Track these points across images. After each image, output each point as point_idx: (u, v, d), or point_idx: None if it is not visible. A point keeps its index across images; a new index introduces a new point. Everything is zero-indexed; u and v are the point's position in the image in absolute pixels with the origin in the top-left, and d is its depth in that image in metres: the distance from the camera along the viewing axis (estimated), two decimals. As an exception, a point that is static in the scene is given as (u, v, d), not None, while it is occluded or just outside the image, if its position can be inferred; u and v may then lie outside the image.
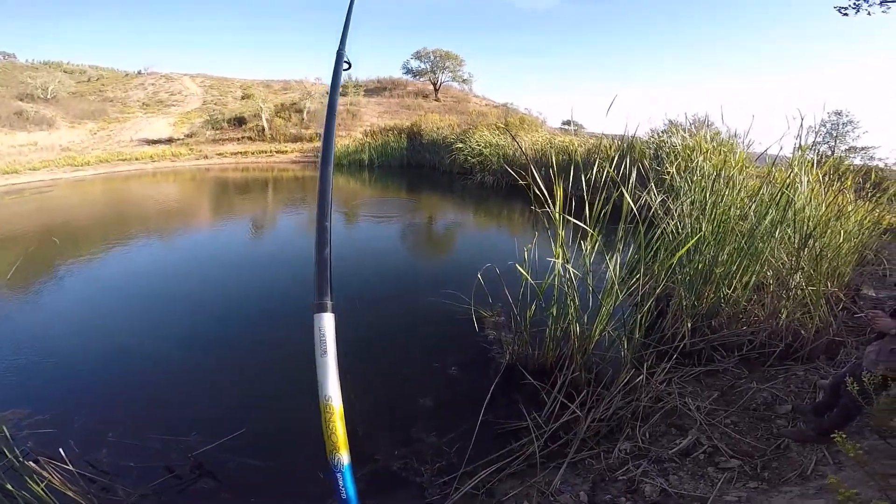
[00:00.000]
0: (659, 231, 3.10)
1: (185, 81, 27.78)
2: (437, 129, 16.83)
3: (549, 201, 2.60)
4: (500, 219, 9.32)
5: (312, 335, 1.00)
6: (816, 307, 2.79)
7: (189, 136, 20.93)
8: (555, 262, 2.70)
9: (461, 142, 14.50)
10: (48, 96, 21.87)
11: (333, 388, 0.79)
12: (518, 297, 2.98)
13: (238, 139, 21.16)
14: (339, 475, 0.86)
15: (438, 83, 28.24)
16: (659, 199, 3.02)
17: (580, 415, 2.34)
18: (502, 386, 2.88)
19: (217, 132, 21.58)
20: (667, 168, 4.07)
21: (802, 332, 2.85)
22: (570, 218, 2.62)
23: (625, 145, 2.79)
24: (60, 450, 1.96)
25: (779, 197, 3.01)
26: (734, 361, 2.83)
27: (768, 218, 3.02)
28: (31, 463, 1.90)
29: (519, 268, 2.86)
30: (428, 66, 27.86)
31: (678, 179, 3.66)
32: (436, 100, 27.47)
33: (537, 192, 2.62)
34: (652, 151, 7.42)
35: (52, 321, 4.18)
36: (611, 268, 2.62)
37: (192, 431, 2.52)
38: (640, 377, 2.51)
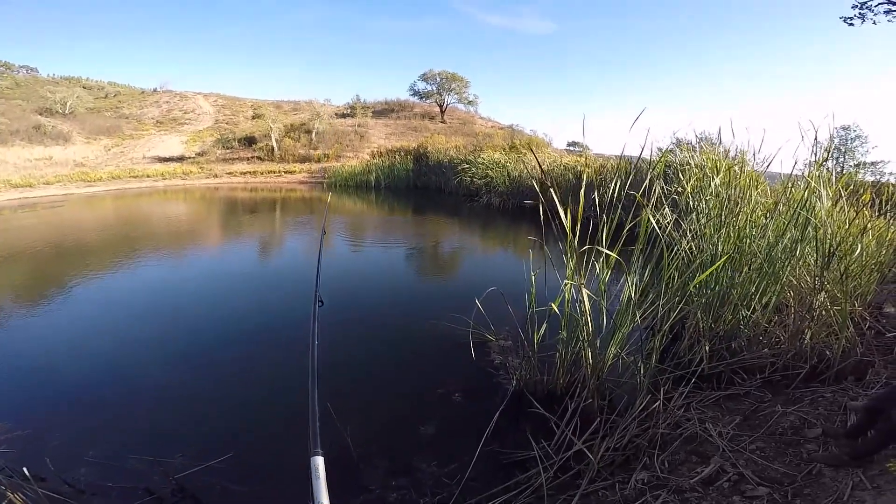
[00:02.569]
0: (673, 252, 3.01)
1: (198, 100, 28.56)
2: (443, 150, 17.03)
3: (560, 219, 2.51)
4: (506, 241, 9.26)
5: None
6: (843, 328, 2.66)
7: (200, 154, 21.37)
8: (566, 283, 2.60)
9: (467, 163, 14.61)
10: (66, 111, 22.52)
11: (324, 497, 0.98)
12: (526, 321, 2.86)
13: (248, 159, 21.56)
14: None
15: (444, 105, 28.80)
16: (672, 219, 2.94)
17: (593, 443, 2.19)
18: (509, 413, 2.74)
19: (228, 151, 22.04)
20: (677, 188, 4.01)
21: (828, 352, 2.71)
22: (582, 242, 2.53)
23: (636, 164, 2.73)
24: (25, 469, 1.84)
25: (797, 214, 2.92)
26: (756, 384, 2.68)
27: (787, 236, 2.93)
28: None
29: (530, 286, 2.76)
30: (434, 88, 28.51)
31: (691, 198, 3.58)
32: (442, 121, 27.96)
33: (547, 210, 2.55)
34: (659, 171, 7.37)
35: (47, 336, 4.12)
36: (628, 285, 2.50)
37: (178, 453, 2.40)
38: (657, 403, 2.36)
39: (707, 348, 2.86)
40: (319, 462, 1.07)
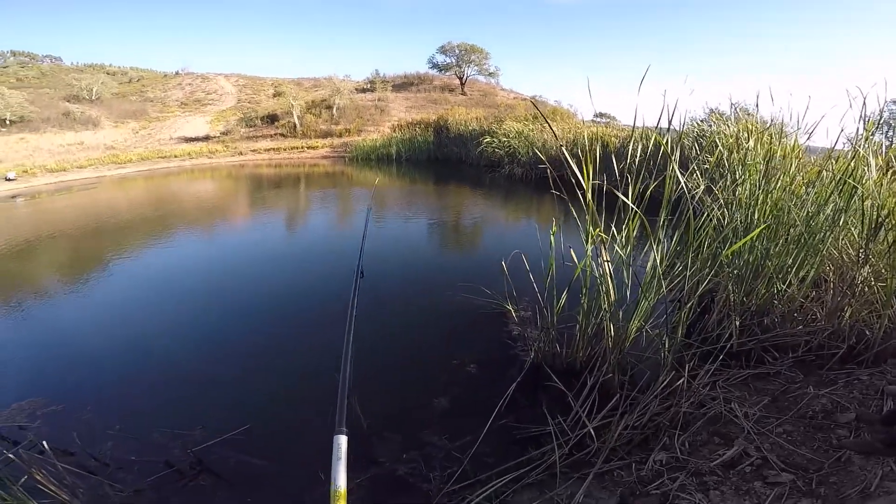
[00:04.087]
0: (704, 219, 2.84)
1: (220, 81, 28.75)
2: (464, 122, 16.69)
3: (582, 184, 2.38)
4: (529, 210, 9.07)
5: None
6: (886, 305, 2.46)
7: (225, 133, 21.67)
8: (587, 249, 2.48)
9: (489, 134, 14.29)
10: (93, 97, 23.11)
11: (342, 481, 0.97)
12: (546, 290, 2.76)
13: (271, 136, 21.74)
14: None
15: (464, 77, 28.11)
16: (704, 186, 2.76)
17: (611, 420, 2.12)
18: (525, 387, 2.68)
19: (251, 129, 22.25)
20: (707, 157, 3.76)
21: (867, 332, 2.53)
22: (617, 193, 2.39)
23: (664, 132, 2.55)
24: (44, 442, 1.93)
25: (842, 183, 2.68)
26: (788, 364, 2.53)
27: (830, 206, 2.71)
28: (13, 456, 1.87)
29: (551, 254, 2.66)
30: (453, 61, 27.81)
31: (726, 164, 3.36)
32: (462, 94, 27.33)
33: (569, 179, 2.43)
34: (691, 141, 7.00)
35: (83, 313, 4.32)
36: (654, 254, 2.36)
37: (198, 426, 2.48)
38: (682, 380, 2.26)
39: (737, 323, 2.72)
40: (342, 441, 1.04)
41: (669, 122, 2.43)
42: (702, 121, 8.40)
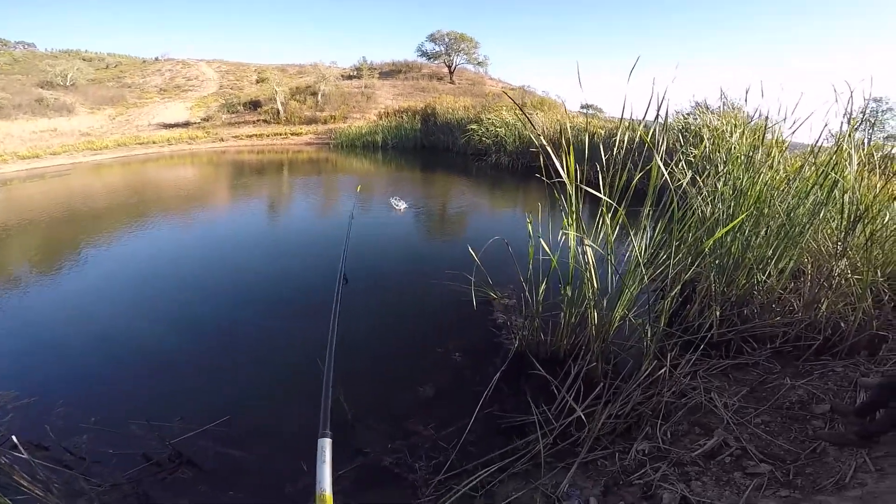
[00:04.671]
0: (688, 211, 2.85)
1: (201, 67, 27.93)
2: (452, 110, 16.56)
3: (564, 173, 2.36)
4: (515, 199, 9.04)
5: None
6: (861, 298, 2.53)
7: (206, 119, 21.11)
8: (569, 237, 2.47)
9: (476, 122, 14.20)
10: (67, 83, 22.26)
11: (328, 484, 0.95)
12: (529, 277, 2.76)
13: (254, 122, 21.25)
14: None
15: (453, 66, 27.84)
16: (688, 177, 2.77)
17: (595, 409, 2.14)
18: (510, 375, 2.69)
19: (233, 115, 21.71)
20: (692, 150, 3.78)
21: (843, 324, 2.60)
22: (588, 189, 2.37)
23: (648, 124, 2.54)
24: (13, 437, 1.85)
25: (824, 176, 2.72)
26: (766, 354, 2.59)
27: (810, 199, 2.75)
28: None
29: (530, 241, 2.65)
30: (443, 49, 27.50)
31: (710, 157, 3.38)
32: (451, 82, 27.06)
33: (550, 167, 2.40)
34: (676, 133, 7.04)
35: (55, 304, 4.17)
36: (635, 245, 2.37)
37: (177, 417, 2.42)
38: (663, 369, 2.29)
39: (718, 314, 2.77)
40: (327, 445, 1.03)
41: (657, 114, 2.42)
42: (688, 114, 8.46)
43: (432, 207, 8.08)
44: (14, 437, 1.86)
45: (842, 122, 2.81)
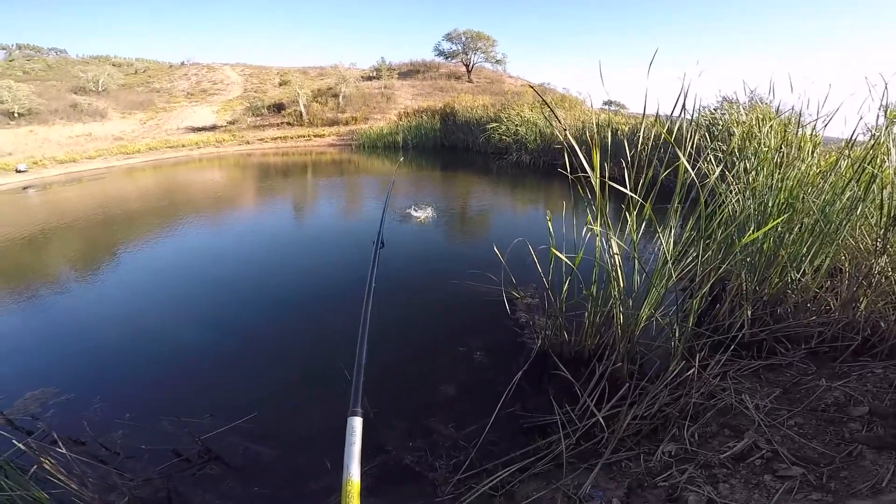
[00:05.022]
0: (717, 207, 2.78)
1: (225, 71, 28.65)
2: (471, 109, 16.54)
3: (588, 168, 2.32)
4: (537, 198, 8.97)
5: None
6: (904, 297, 2.41)
7: (231, 122, 21.65)
8: (595, 235, 2.43)
9: (495, 121, 14.14)
10: (99, 89, 23.11)
11: (356, 468, 0.88)
12: (552, 276, 2.73)
13: (278, 125, 21.68)
14: None
15: (471, 64, 27.82)
16: (717, 173, 2.69)
17: (620, 410, 2.11)
18: (532, 375, 2.67)
19: (258, 118, 22.21)
20: (720, 145, 3.67)
21: (882, 324, 2.48)
22: (613, 185, 2.34)
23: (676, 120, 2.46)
24: (54, 433, 1.96)
25: (860, 170, 2.61)
26: (800, 355, 2.50)
27: (847, 194, 2.64)
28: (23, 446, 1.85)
29: (551, 239, 2.60)
30: (460, 48, 27.54)
31: (738, 152, 3.28)
32: (469, 81, 27.04)
33: (575, 164, 2.38)
34: (704, 130, 6.87)
35: (95, 302, 4.36)
36: (663, 241, 2.32)
37: (206, 414, 2.50)
38: (692, 370, 2.24)
39: (749, 313, 2.69)
40: (357, 424, 0.97)
41: (683, 108, 2.37)
42: (714, 109, 8.22)
43: (453, 207, 8.09)
44: (54, 433, 1.97)
45: (878, 115, 2.69)
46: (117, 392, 2.83)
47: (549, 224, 2.65)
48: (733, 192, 3.02)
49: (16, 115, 18.33)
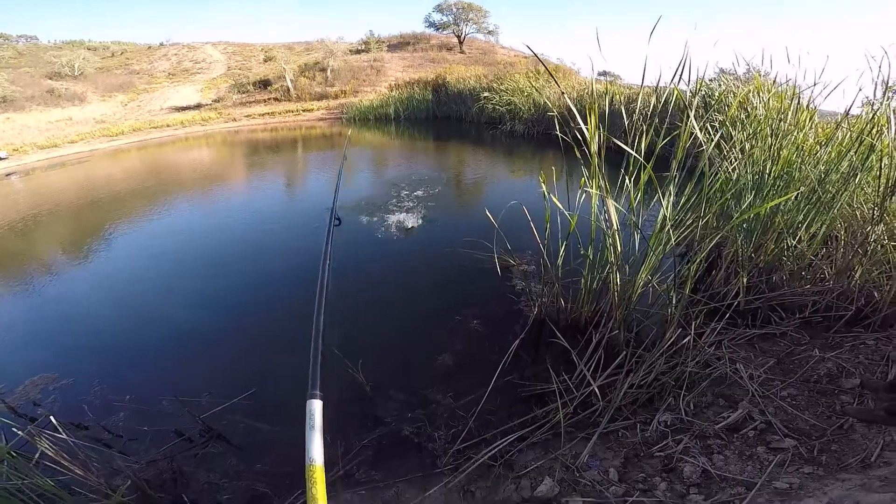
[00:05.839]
0: (714, 175, 2.73)
1: (207, 49, 27.79)
2: (463, 80, 16.18)
3: (585, 131, 2.25)
4: (531, 166, 8.83)
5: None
6: (898, 266, 2.41)
7: (217, 100, 21.11)
8: (591, 199, 2.40)
9: (489, 90, 13.86)
10: (76, 73, 22.44)
11: (318, 453, 0.87)
12: (548, 243, 2.68)
13: (265, 101, 21.18)
14: None
15: (463, 35, 27.08)
16: (715, 141, 2.63)
17: (616, 379, 2.12)
18: (529, 343, 2.67)
19: (244, 95, 21.66)
20: (717, 115, 3.60)
21: (876, 294, 2.49)
22: (616, 141, 2.27)
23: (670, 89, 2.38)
24: (52, 418, 1.91)
25: (858, 140, 2.56)
26: (794, 324, 2.52)
27: (845, 163, 2.61)
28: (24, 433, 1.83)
29: (545, 199, 2.55)
30: (451, 19, 26.76)
31: (736, 121, 3.21)
32: (461, 52, 26.38)
33: (569, 132, 2.31)
34: (701, 98, 6.74)
35: (86, 287, 4.30)
36: (663, 204, 2.28)
37: (205, 393, 2.50)
38: (687, 338, 2.24)
39: (745, 280, 2.69)
40: (317, 408, 0.96)
41: (681, 79, 2.29)
42: (711, 80, 8.06)
43: (448, 175, 7.99)
44: (52, 418, 1.93)
45: (875, 88, 2.63)
46: (115, 374, 2.82)
47: (544, 187, 2.57)
48: (731, 161, 2.97)
49: (-10, 103, 17.72)
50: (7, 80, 19.00)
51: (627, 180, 2.37)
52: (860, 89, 2.69)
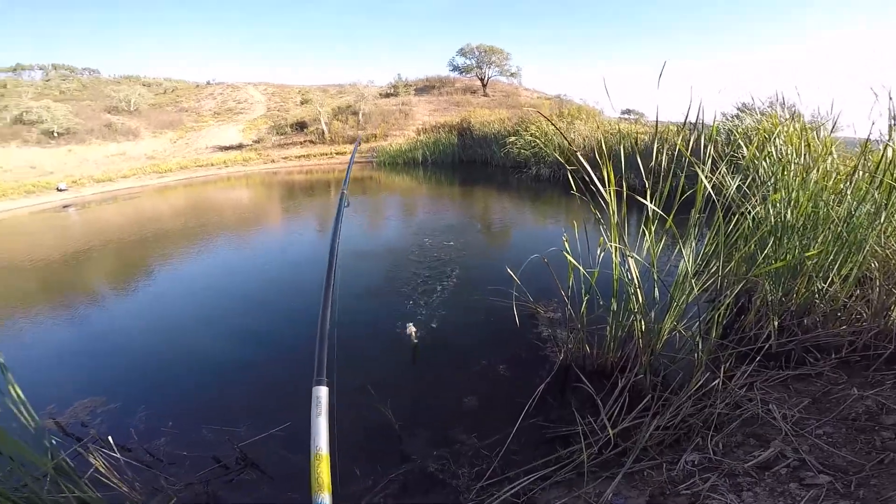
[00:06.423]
0: (738, 218, 2.77)
1: (249, 90, 29.73)
2: (488, 123, 16.73)
3: (603, 183, 2.37)
4: (557, 212, 8.98)
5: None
6: (937, 305, 2.35)
7: (257, 141, 22.44)
8: (611, 248, 2.47)
9: (514, 134, 14.26)
10: (131, 108, 24.19)
11: (323, 441, 0.86)
12: (571, 290, 2.77)
13: (301, 143, 22.33)
14: None
15: (486, 78, 28.09)
16: (735, 184, 2.70)
17: (642, 421, 2.11)
18: (555, 387, 2.71)
19: (282, 137, 22.95)
20: (738, 154, 3.67)
21: (917, 333, 2.43)
22: (633, 194, 2.38)
23: (693, 129, 2.46)
24: (110, 438, 2.06)
25: (881, 177, 2.58)
26: (831, 365, 2.45)
27: (868, 202, 2.61)
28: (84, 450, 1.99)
29: (567, 255, 2.65)
30: (474, 62, 27.85)
31: (757, 162, 3.27)
32: (484, 95, 27.32)
33: (589, 179, 2.43)
34: (724, 137, 6.83)
35: (133, 318, 4.58)
36: (684, 254, 2.34)
37: (243, 423, 2.60)
38: (716, 381, 2.23)
39: (776, 324, 2.66)
40: (322, 394, 0.93)
41: (697, 118, 2.40)
42: (733, 116, 8.14)
43: (473, 221, 8.21)
44: (110, 438, 2.10)
45: (889, 123, 2.67)
46: (159, 401, 2.98)
47: (566, 244, 2.70)
48: (753, 203, 3.01)
49: (55, 134, 19.44)
50: (71, 113, 20.73)
51: (647, 230, 2.44)
52: (873, 123, 2.74)
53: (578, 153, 2.48)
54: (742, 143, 3.68)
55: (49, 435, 1.82)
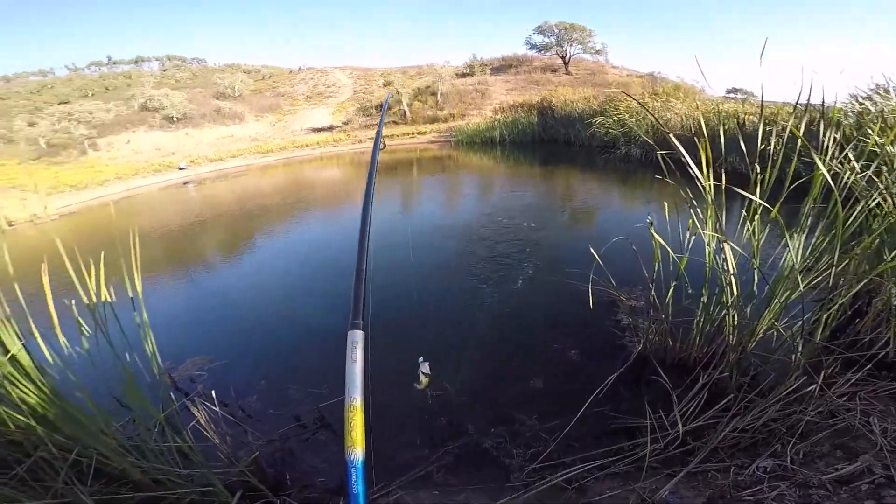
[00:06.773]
0: (861, 209, 2.43)
1: (336, 74, 31.28)
2: (570, 102, 15.96)
3: (701, 168, 2.20)
4: (649, 195, 8.39)
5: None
6: None
7: (346, 123, 23.80)
8: (703, 235, 2.31)
9: (601, 114, 13.47)
10: (236, 94, 26.59)
11: (358, 392, 0.83)
12: (657, 276, 2.58)
13: (385, 124, 23.13)
14: (353, 470, 0.85)
15: (567, 56, 26.55)
16: (859, 171, 2.34)
17: (719, 421, 1.97)
18: (629, 378, 2.58)
19: (367, 118, 24.04)
20: (865, 140, 3.18)
21: None
22: (732, 187, 2.21)
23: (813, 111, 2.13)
24: (213, 392, 2.29)
25: None
26: (960, 380, 2.13)
27: None
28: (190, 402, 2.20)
29: (654, 235, 2.47)
30: (553, 40, 26.38)
31: (890, 147, 2.82)
32: (567, 73, 25.95)
33: (684, 161, 2.28)
34: (853, 121, 5.87)
35: (237, 283, 5.14)
36: (791, 247, 2.12)
37: (325, 386, 2.78)
38: (813, 386, 2.00)
39: (896, 331, 2.34)
40: (359, 338, 0.87)
41: (819, 100, 2.14)
42: (864, 97, 6.91)
43: (555, 202, 8.00)
44: (213, 393, 2.37)
45: None
46: (257, 361, 3.32)
47: (651, 228, 2.50)
48: (881, 192, 2.62)
49: (174, 119, 22.26)
50: (186, 99, 23.56)
51: (749, 221, 2.24)
52: None
53: (671, 134, 2.34)
54: (870, 129, 3.17)
55: (164, 389, 2.05)
